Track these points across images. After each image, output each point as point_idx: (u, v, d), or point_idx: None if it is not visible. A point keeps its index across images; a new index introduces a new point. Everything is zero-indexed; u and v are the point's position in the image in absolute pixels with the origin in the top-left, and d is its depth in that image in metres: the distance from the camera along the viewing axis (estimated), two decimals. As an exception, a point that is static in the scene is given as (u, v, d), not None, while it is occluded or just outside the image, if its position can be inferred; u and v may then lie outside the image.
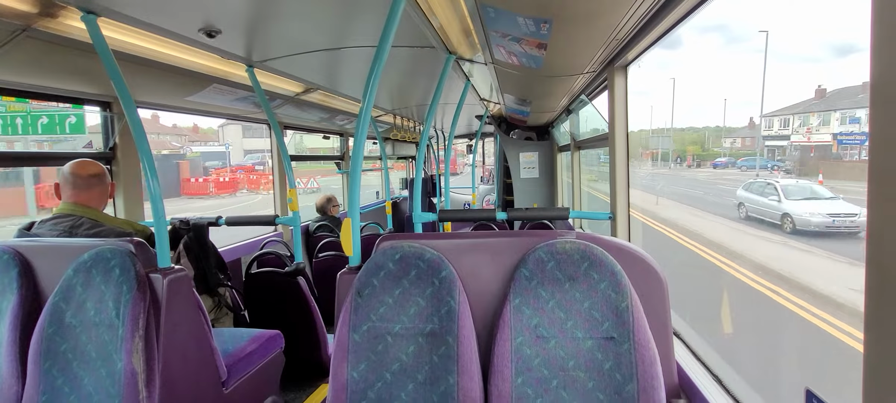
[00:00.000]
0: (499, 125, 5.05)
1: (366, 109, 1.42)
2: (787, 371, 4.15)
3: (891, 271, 0.54)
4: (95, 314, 1.42)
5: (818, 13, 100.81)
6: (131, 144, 2.30)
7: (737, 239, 8.21)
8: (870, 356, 0.57)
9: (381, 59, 1.41)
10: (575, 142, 3.74)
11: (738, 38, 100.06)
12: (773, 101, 51.25)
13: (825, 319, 4.46)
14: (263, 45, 2.01)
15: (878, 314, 0.56)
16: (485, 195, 9.42)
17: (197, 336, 1.64)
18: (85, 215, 1.66)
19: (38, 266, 1.56)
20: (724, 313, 5.52)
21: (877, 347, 0.57)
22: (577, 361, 1.16)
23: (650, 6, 1.28)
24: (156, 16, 1.55)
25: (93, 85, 2.07)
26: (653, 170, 23.15)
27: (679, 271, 6.74)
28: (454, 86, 2.99)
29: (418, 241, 1.30)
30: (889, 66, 0.53)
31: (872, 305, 0.57)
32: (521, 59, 1.95)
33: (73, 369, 1.42)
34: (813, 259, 6.37)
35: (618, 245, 1.23)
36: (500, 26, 1.57)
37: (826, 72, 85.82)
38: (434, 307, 1.22)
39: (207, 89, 2.45)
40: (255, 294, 2.62)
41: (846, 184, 10.00)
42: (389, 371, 1.21)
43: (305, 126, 4.27)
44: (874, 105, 0.55)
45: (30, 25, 1.50)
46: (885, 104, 0.54)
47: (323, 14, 1.67)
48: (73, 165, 1.69)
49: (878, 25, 0.54)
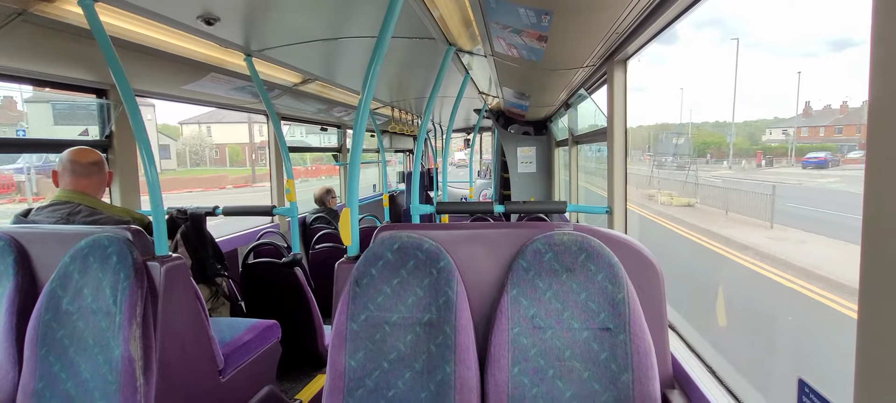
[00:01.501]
0: (497, 119, 5.05)
1: (365, 101, 1.42)
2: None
3: (887, 267, 0.55)
4: (93, 301, 1.42)
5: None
6: (127, 132, 2.29)
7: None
8: (862, 352, 0.58)
9: (381, 50, 1.41)
10: (573, 136, 3.74)
11: (735, 33, 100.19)
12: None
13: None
14: (262, 34, 1.99)
15: (873, 311, 0.57)
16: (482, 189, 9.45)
17: (194, 325, 1.65)
18: (82, 202, 1.66)
19: (35, 253, 1.55)
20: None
21: (870, 344, 0.58)
22: (573, 351, 1.17)
23: (650, 0, 1.28)
24: (154, 2, 1.54)
25: (89, 72, 2.05)
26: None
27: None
28: (453, 78, 2.98)
29: (417, 232, 1.31)
30: (888, 63, 0.53)
31: (867, 303, 0.58)
32: (522, 52, 1.95)
33: (69, 355, 1.42)
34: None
35: (615, 237, 1.24)
36: (501, 17, 1.57)
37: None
38: (432, 297, 1.23)
39: (205, 78, 2.44)
40: (253, 284, 2.62)
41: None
42: (387, 359, 1.21)
43: (303, 117, 4.25)
44: (872, 105, 0.56)
45: (26, 9, 1.49)
46: (882, 104, 0.54)
47: (323, 3, 1.66)
48: (72, 152, 1.68)
49: (878, 16, 0.55)
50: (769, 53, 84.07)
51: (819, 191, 11.31)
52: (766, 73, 74.31)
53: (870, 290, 0.57)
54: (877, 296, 0.56)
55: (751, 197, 8.73)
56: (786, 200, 9.05)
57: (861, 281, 0.58)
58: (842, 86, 69.90)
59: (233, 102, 3.14)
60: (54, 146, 1.98)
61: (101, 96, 2.25)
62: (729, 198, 9.45)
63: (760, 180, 12.78)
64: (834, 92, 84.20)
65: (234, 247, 3.31)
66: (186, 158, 30.33)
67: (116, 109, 2.25)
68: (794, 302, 4.57)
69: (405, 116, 5.25)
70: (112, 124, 2.27)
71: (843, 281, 4.53)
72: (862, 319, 0.58)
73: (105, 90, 2.24)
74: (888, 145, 0.53)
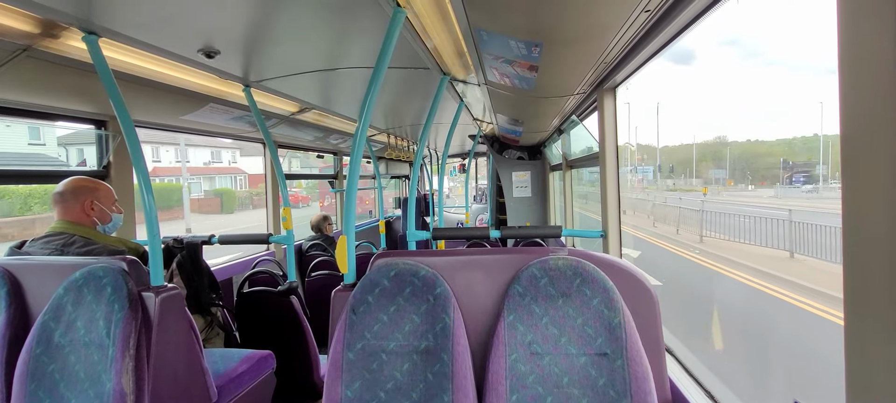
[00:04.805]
0: (492, 144, 5.12)
1: (362, 129, 1.45)
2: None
3: (865, 266, 0.57)
4: (85, 333, 1.40)
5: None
6: (125, 162, 2.30)
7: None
8: (850, 353, 0.60)
9: (378, 79, 1.44)
10: (566, 161, 3.80)
11: (754, 53, 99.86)
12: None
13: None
14: (260, 66, 2.04)
15: (857, 312, 0.59)
16: (478, 214, 9.47)
17: (188, 357, 1.62)
18: (77, 233, 1.66)
19: (28, 284, 1.54)
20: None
21: (856, 344, 0.59)
22: (571, 378, 1.16)
23: (636, 32, 1.33)
24: (157, 37, 1.58)
25: (88, 103, 2.08)
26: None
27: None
28: (448, 106, 3.04)
29: (413, 258, 1.31)
30: (854, 64, 0.57)
31: (850, 304, 0.60)
32: (514, 81, 2.00)
33: (60, 391, 1.39)
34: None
35: (609, 261, 1.26)
36: (493, 48, 1.62)
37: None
38: (429, 324, 1.23)
39: (204, 108, 2.48)
40: (247, 313, 2.59)
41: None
42: (384, 389, 1.20)
43: (300, 145, 4.29)
44: (843, 102, 0.59)
45: (31, 45, 1.52)
46: (852, 100, 0.58)
47: (320, 36, 1.71)
48: (65, 183, 1.69)
49: (842, 28, 0.59)
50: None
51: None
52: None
53: (852, 293, 0.59)
54: (860, 299, 0.58)
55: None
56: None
57: (845, 286, 0.61)
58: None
59: (230, 132, 3.17)
60: (52, 177, 1.99)
61: (100, 127, 2.28)
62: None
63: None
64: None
65: (230, 276, 3.28)
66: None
67: (115, 140, 2.28)
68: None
69: (401, 143, 5.31)
70: (110, 154, 2.29)
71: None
72: (848, 321, 0.60)
73: (104, 121, 2.27)
74: (858, 141, 0.57)
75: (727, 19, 21.50)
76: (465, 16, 1.36)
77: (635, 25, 1.28)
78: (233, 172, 30.57)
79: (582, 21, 1.30)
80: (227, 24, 1.52)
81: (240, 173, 31.03)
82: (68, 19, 1.39)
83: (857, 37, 0.58)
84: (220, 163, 30.62)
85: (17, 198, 13.12)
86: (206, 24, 1.49)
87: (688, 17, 1.16)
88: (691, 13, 1.14)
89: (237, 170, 31.02)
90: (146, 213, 1.61)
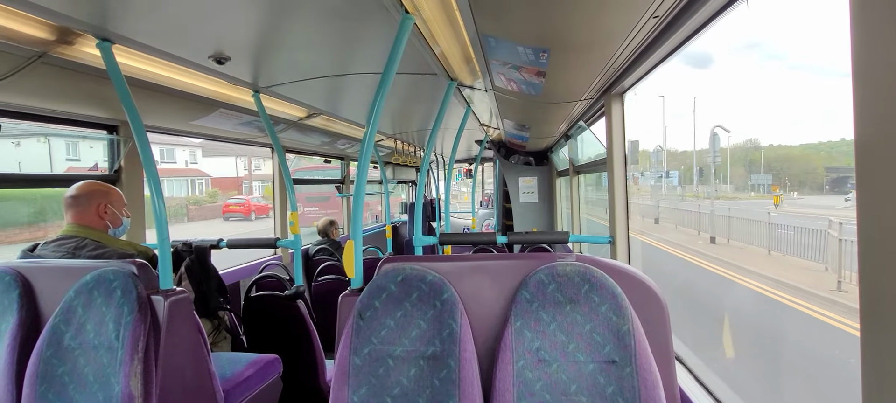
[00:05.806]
0: (498, 150, 5.11)
1: (370, 135, 1.45)
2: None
3: (882, 274, 0.56)
4: (95, 336, 1.41)
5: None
6: (136, 167, 2.33)
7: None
8: (867, 353, 0.59)
9: (386, 85, 1.45)
10: (574, 167, 3.78)
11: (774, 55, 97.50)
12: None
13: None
14: (270, 71, 2.06)
15: (874, 321, 0.58)
16: (484, 220, 9.45)
17: (195, 360, 1.63)
18: (88, 236, 1.68)
19: (40, 287, 1.56)
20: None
21: (874, 344, 0.59)
22: (579, 385, 1.15)
23: (645, 37, 1.33)
24: (169, 43, 1.60)
25: (100, 109, 2.12)
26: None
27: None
28: (455, 111, 3.05)
29: (420, 264, 1.31)
30: (868, 69, 0.56)
31: (867, 314, 0.59)
32: (521, 86, 2.00)
33: (69, 393, 1.40)
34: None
35: (618, 268, 1.24)
36: (501, 54, 1.63)
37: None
38: (436, 329, 1.22)
39: (214, 114, 2.50)
40: (254, 317, 2.60)
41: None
42: (390, 395, 1.19)
43: (308, 150, 4.32)
44: (857, 108, 0.58)
45: (47, 51, 1.55)
46: (867, 105, 0.57)
47: (329, 42, 1.72)
48: (78, 187, 1.72)
49: (856, 33, 0.58)
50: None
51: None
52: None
53: (869, 292, 0.59)
54: (878, 298, 0.58)
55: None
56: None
57: (860, 285, 0.60)
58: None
59: (239, 136, 3.20)
60: (63, 181, 2.02)
61: (112, 132, 2.31)
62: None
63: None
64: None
65: (237, 280, 3.30)
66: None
67: (126, 144, 2.31)
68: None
69: (408, 148, 5.33)
70: (121, 159, 2.32)
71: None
72: (864, 319, 0.60)
73: (115, 126, 2.30)
74: (873, 146, 0.57)
75: (748, 22, 20.92)
76: (472, 22, 1.36)
77: (644, 31, 1.27)
78: (191, 175, 25.03)
79: (590, 27, 1.29)
80: (238, 31, 1.54)
81: (200, 176, 25.46)
82: (83, 26, 1.42)
83: (870, 41, 0.57)
84: (174, 163, 24.57)
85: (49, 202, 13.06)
86: (218, 30, 1.51)
87: (697, 22, 1.15)
88: (701, 18, 1.13)
89: (197, 173, 25.48)
90: (156, 217, 1.62)
